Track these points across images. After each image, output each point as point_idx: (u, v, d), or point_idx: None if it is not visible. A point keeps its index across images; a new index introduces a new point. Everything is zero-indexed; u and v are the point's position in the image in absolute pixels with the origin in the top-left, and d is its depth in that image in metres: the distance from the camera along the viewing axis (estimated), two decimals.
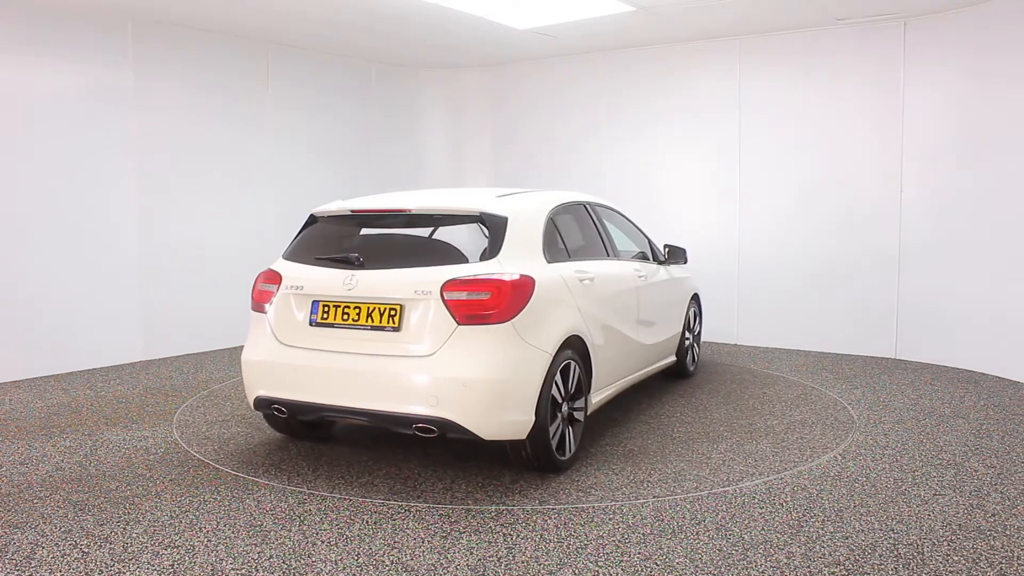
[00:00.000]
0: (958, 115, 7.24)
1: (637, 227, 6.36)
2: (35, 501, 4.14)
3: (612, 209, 6.10)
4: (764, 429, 5.32)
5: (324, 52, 9.11)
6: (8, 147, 6.81)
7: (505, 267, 4.27)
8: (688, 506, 4.04)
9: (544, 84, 9.69)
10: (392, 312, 4.22)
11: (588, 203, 5.65)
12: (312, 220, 4.95)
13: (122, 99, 7.49)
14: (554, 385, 4.35)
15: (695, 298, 7.09)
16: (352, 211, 4.74)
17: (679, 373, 6.89)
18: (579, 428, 4.69)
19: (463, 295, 4.10)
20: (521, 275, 4.26)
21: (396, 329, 4.20)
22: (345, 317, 4.33)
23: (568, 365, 4.51)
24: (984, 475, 4.48)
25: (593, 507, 4.03)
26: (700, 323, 7.29)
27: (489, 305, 4.08)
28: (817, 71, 7.96)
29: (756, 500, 4.12)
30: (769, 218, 8.33)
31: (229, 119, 8.33)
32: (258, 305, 4.66)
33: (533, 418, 4.20)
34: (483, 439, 4.13)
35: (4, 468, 4.66)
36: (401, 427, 4.21)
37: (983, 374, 7.05)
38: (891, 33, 7.54)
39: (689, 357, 6.97)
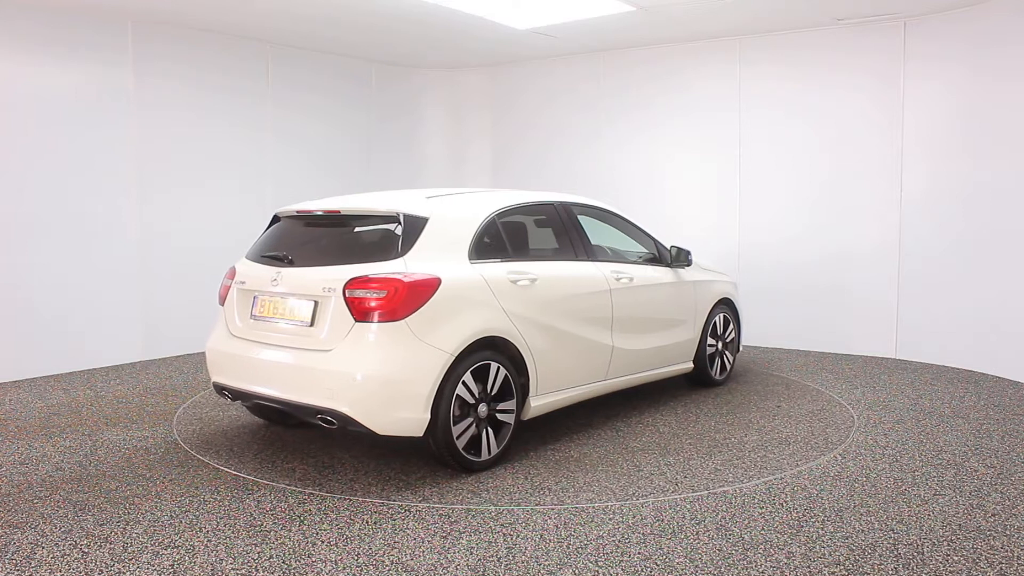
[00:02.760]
0: (958, 116, 7.24)
1: (641, 229, 6.16)
2: (35, 501, 4.14)
3: (608, 211, 5.97)
4: (733, 445, 5.04)
5: (324, 52, 9.11)
6: (8, 147, 6.81)
7: (409, 267, 4.37)
8: (688, 506, 4.04)
9: (545, 84, 9.68)
10: (308, 308, 4.46)
11: (562, 203, 5.56)
12: (275, 219, 5.20)
13: (122, 99, 7.49)
14: (462, 385, 4.39)
15: (725, 303, 6.71)
16: (297, 212, 5.02)
17: (702, 381, 6.59)
18: (506, 431, 4.68)
19: (362, 293, 4.26)
20: (423, 275, 4.34)
21: (310, 324, 4.43)
22: (275, 311, 4.62)
23: (487, 366, 4.52)
24: (984, 475, 4.48)
25: (593, 507, 4.03)
26: (736, 330, 6.88)
27: (384, 303, 4.22)
28: (817, 71, 7.96)
29: (756, 500, 4.11)
30: (769, 218, 8.33)
31: (229, 119, 8.33)
32: (222, 299, 5.04)
33: (427, 416, 4.27)
34: (378, 433, 4.26)
35: (4, 468, 4.66)
36: (308, 417, 4.44)
37: (983, 374, 7.05)
38: (891, 33, 7.54)
39: (716, 365, 6.62)
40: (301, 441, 5.16)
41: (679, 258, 6.23)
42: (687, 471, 4.57)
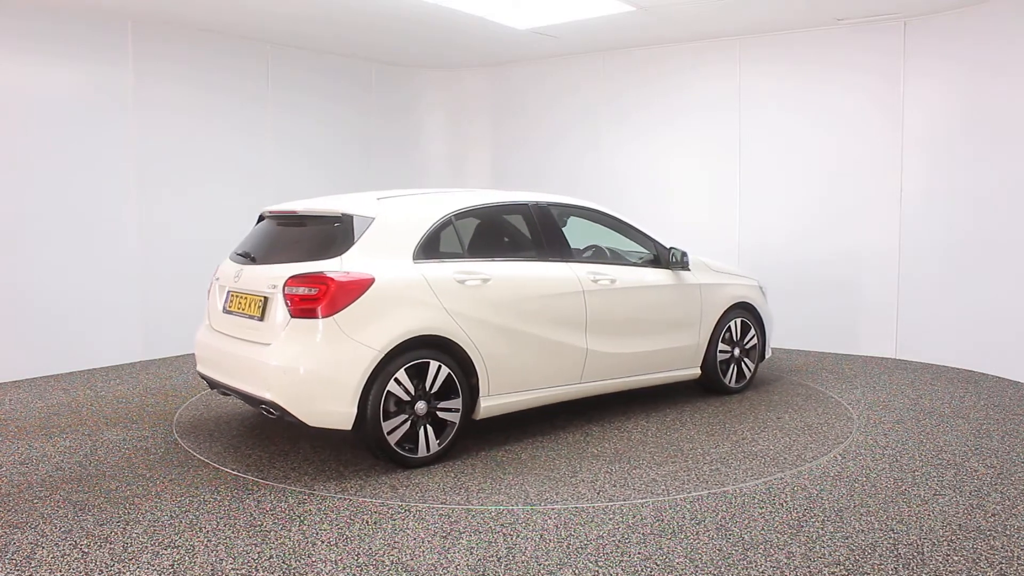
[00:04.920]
0: (959, 115, 7.24)
1: (638, 230, 5.97)
2: (35, 501, 4.14)
3: (601, 212, 5.83)
4: (695, 455, 4.81)
5: (324, 52, 9.11)
6: (8, 147, 6.81)
7: (345, 265, 4.51)
8: (688, 506, 4.04)
9: (546, 84, 9.68)
10: (259, 303, 4.69)
11: (537, 204, 5.46)
12: (261, 218, 5.44)
13: (122, 99, 7.49)
14: (394, 382, 4.48)
15: (744, 307, 6.37)
16: (269, 212, 5.31)
17: (715, 388, 6.29)
18: (450, 429, 4.71)
19: (299, 290, 4.45)
20: (356, 274, 4.47)
21: (261, 319, 4.66)
22: (239, 306, 4.88)
23: (426, 364, 4.58)
24: (984, 475, 4.48)
25: (593, 507, 4.03)
26: (760, 336, 6.50)
27: (316, 300, 4.40)
28: (817, 71, 7.96)
29: (756, 500, 4.11)
30: (769, 218, 8.33)
31: (229, 119, 8.33)
32: (208, 294, 5.37)
33: (354, 410, 4.39)
34: (309, 425, 4.42)
35: (4, 468, 4.66)
36: (256, 406, 4.70)
37: (983, 374, 7.05)
38: (891, 33, 7.54)
39: (732, 372, 6.31)
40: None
41: (680, 260, 6.01)
42: (621, 480, 4.42)
